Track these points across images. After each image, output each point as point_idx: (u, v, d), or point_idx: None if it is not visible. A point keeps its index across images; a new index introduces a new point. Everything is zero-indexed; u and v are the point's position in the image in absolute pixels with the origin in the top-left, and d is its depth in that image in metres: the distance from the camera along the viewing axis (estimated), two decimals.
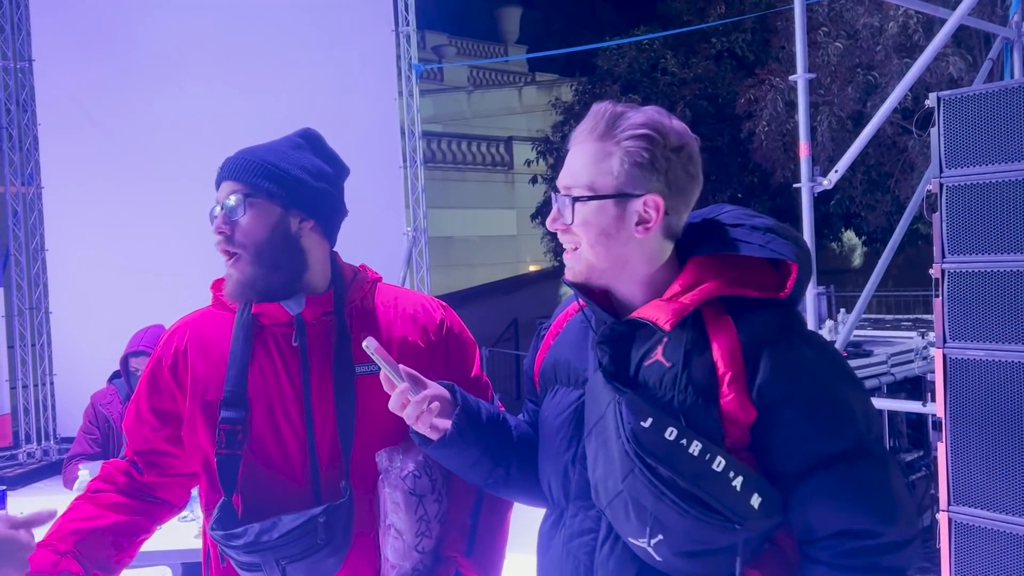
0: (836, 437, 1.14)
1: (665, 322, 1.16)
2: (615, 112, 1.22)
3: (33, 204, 6.11)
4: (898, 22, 9.51)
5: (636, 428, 1.13)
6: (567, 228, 1.23)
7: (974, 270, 2.68)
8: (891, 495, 1.14)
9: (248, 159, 1.47)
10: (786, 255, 1.19)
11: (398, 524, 1.45)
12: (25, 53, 6.07)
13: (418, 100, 6.17)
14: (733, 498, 1.10)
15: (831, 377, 1.18)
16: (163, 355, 1.55)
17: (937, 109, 2.77)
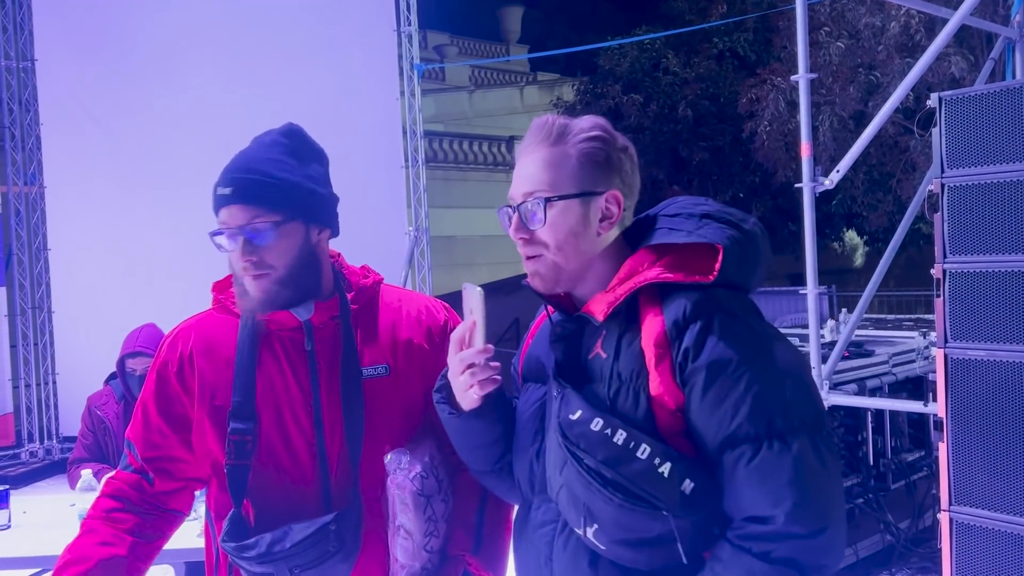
0: (745, 418, 1.12)
1: (599, 313, 1.21)
2: (562, 122, 1.27)
3: (35, 204, 6.12)
4: (900, 22, 9.50)
5: (564, 420, 1.18)
6: (531, 235, 1.25)
7: (975, 270, 2.68)
8: (794, 482, 1.09)
9: (262, 181, 1.41)
10: (712, 238, 1.20)
11: (407, 525, 1.46)
12: (28, 53, 6.08)
13: (420, 100, 6.18)
14: (659, 485, 1.11)
15: (747, 358, 1.14)
16: (168, 359, 1.53)
17: (939, 109, 2.77)
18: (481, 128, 19.48)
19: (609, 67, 14.25)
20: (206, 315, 1.57)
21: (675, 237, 1.23)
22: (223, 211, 1.43)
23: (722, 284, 1.20)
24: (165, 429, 1.52)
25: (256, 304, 1.45)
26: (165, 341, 1.57)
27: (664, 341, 1.17)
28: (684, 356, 1.15)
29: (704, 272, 1.20)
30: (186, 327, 1.56)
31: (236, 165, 1.45)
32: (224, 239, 1.43)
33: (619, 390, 1.19)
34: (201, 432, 1.49)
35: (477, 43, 23.44)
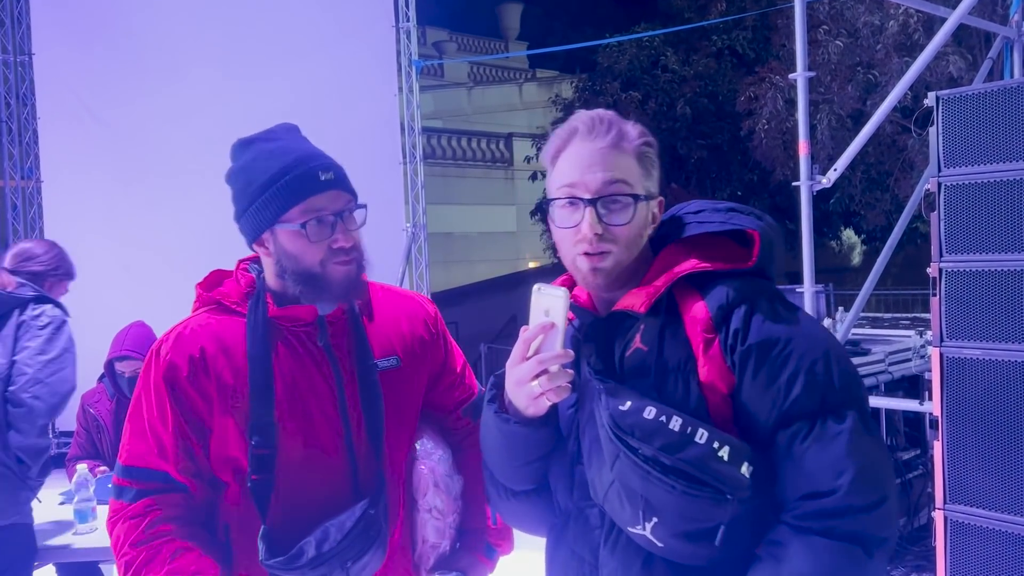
0: (799, 395, 1.13)
1: (640, 306, 1.20)
2: (612, 121, 1.27)
3: (32, 198, 6.11)
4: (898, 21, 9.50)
5: (614, 412, 1.15)
6: (605, 230, 1.21)
7: (972, 269, 2.68)
8: (852, 454, 1.10)
9: (340, 167, 1.45)
10: (746, 225, 1.24)
11: (439, 505, 1.50)
12: (25, 47, 6.06)
13: (418, 96, 6.17)
14: (721, 468, 1.09)
15: (795, 338, 1.16)
16: (176, 363, 1.43)
17: (936, 108, 2.77)
18: (479, 125, 19.47)
19: (608, 64, 14.24)
20: (205, 316, 1.49)
21: (709, 227, 1.25)
22: (322, 196, 1.40)
23: (756, 272, 1.23)
24: (195, 438, 1.43)
25: (341, 292, 1.42)
26: (166, 344, 1.47)
27: (711, 326, 1.17)
28: (734, 337, 1.16)
29: (740, 259, 1.22)
30: (190, 328, 1.47)
31: (307, 154, 1.43)
32: (316, 225, 1.39)
33: (666, 380, 1.18)
34: (223, 439, 1.43)
35: (476, 40, 23.41)
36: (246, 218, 1.44)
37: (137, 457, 1.45)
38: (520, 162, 17.49)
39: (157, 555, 1.40)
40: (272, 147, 1.44)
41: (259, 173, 1.41)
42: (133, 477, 1.45)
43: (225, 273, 1.55)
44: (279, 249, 1.42)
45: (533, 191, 15.18)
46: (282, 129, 1.50)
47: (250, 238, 1.45)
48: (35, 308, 2.57)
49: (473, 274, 16.20)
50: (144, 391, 1.46)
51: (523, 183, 16.73)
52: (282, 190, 1.39)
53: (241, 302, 1.47)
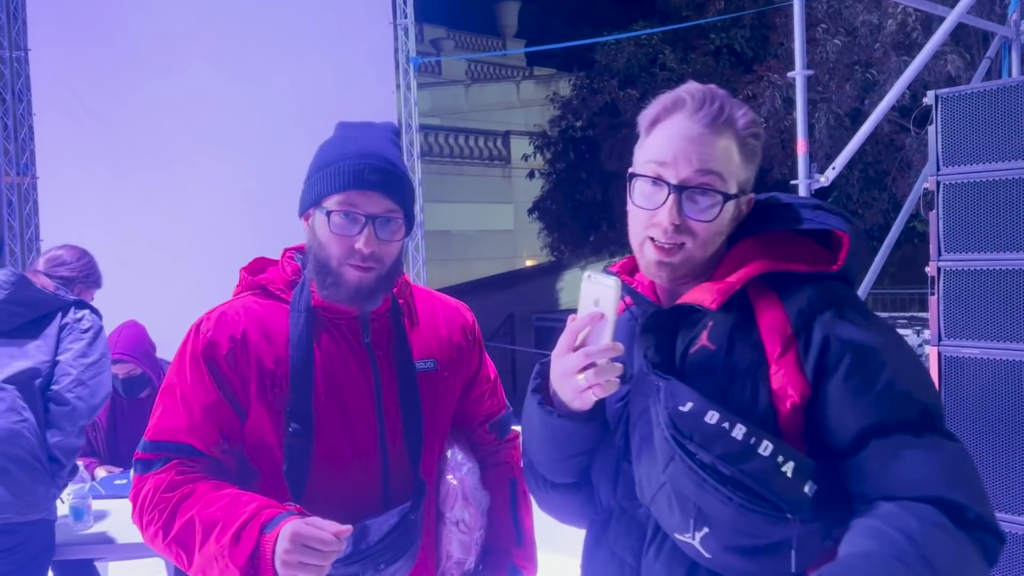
0: (896, 406, 1.04)
1: (711, 302, 1.10)
2: (723, 99, 1.14)
3: (28, 194, 6.09)
4: (897, 20, 9.51)
5: (674, 413, 1.06)
6: (683, 221, 1.12)
7: (970, 268, 2.68)
8: (959, 471, 1.03)
9: (401, 175, 1.40)
10: (836, 226, 1.13)
11: (467, 519, 1.45)
12: (21, 42, 6.04)
13: (415, 93, 6.16)
14: (783, 484, 1.00)
15: (888, 346, 1.08)
16: (216, 341, 1.40)
17: (935, 107, 2.77)
18: (477, 122, 19.46)
19: (605, 62, 14.23)
20: (249, 299, 1.47)
21: (794, 224, 1.15)
22: (358, 194, 1.36)
23: (840, 276, 1.13)
24: (225, 416, 1.39)
25: (348, 296, 1.39)
26: (207, 321, 1.43)
27: (789, 332, 1.08)
28: (815, 345, 1.07)
29: (825, 261, 1.13)
30: (232, 308, 1.45)
31: (371, 151, 1.39)
32: (341, 219, 1.36)
33: (733, 383, 1.09)
34: (258, 425, 1.40)
35: (474, 37, 23.40)
36: (304, 189, 1.44)
37: (166, 432, 1.39)
38: (517, 160, 17.48)
39: (194, 492, 1.33)
40: (351, 134, 1.45)
41: (325, 153, 1.42)
42: (160, 449, 1.38)
43: (269, 261, 1.54)
44: (313, 231, 1.41)
45: (530, 189, 15.18)
46: (379, 126, 1.50)
47: (300, 209, 1.45)
48: (77, 312, 2.68)
49: (470, 272, 16.19)
50: (179, 367, 1.42)
51: (520, 181, 16.72)
52: (328, 176, 1.38)
53: (286, 289, 1.46)
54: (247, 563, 1.25)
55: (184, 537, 1.31)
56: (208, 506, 1.31)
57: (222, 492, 1.34)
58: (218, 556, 1.27)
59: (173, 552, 1.32)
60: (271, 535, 1.25)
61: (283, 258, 1.52)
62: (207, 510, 1.31)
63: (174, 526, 1.32)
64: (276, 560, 1.23)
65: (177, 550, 1.32)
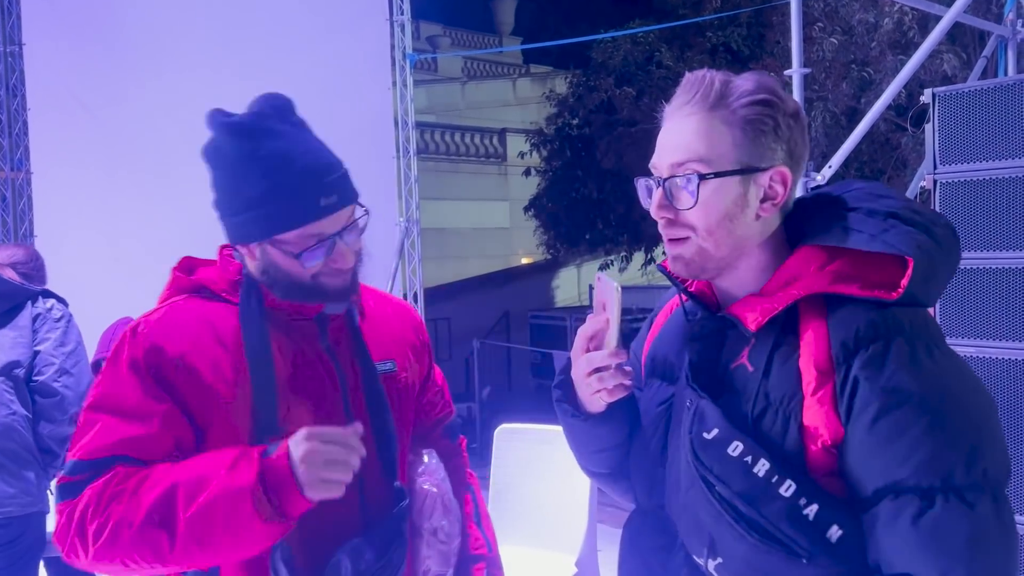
0: (915, 465, 0.94)
1: (752, 322, 1.03)
2: (723, 79, 1.08)
3: (22, 190, 6.06)
4: (893, 19, 9.51)
5: (697, 439, 1.02)
6: (676, 215, 1.07)
7: (967, 267, 2.68)
8: (968, 551, 0.93)
9: (346, 174, 1.31)
10: (900, 249, 0.99)
11: (445, 528, 1.36)
12: (15, 37, 6.01)
13: (412, 90, 6.14)
14: (803, 528, 0.95)
15: (931, 395, 0.96)
16: (163, 348, 1.24)
17: (932, 105, 2.77)
18: (473, 120, 19.42)
19: (602, 60, 14.20)
20: (189, 300, 1.32)
21: (854, 241, 1.02)
22: (323, 222, 1.24)
23: (904, 301, 1.00)
24: (178, 434, 1.22)
25: (335, 297, 1.30)
26: (146, 325, 1.26)
27: (828, 364, 0.99)
28: (852, 385, 0.97)
29: (885, 286, 1.00)
30: (175, 310, 1.29)
31: (308, 164, 1.25)
32: (311, 253, 1.24)
33: (765, 412, 1.02)
34: (219, 442, 1.23)
35: (470, 34, 23.36)
36: (233, 224, 1.28)
37: (102, 449, 1.19)
38: (514, 157, 17.44)
39: (151, 474, 1.16)
40: (274, 147, 1.25)
41: (252, 181, 1.23)
42: (95, 468, 1.18)
43: (200, 260, 1.40)
44: (267, 261, 1.27)
45: (527, 187, 15.15)
46: (276, 112, 1.30)
47: (232, 241, 1.30)
48: (45, 301, 2.68)
49: (466, 270, 16.17)
50: (113, 378, 1.23)
51: (516, 179, 16.69)
52: (277, 213, 1.23)
53: (230, 290, 1.32)
54: (257, 483, 1.11)
55: (162, 510, 1.12)
56: (181, 471, 1.14)
57: (188, 461, 1.17)
58: (221, 497, 1.11)
59: (148, 538, 1.13)
60: (278, 453, 1.13)
61: (222, 256, 1.38)
62: (182, 474, 1.14)
63: (142, 508, 1.12)
64: (297, 470, 1.11)
65: (154, 532, 1.12)
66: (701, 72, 1.11)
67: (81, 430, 1.22)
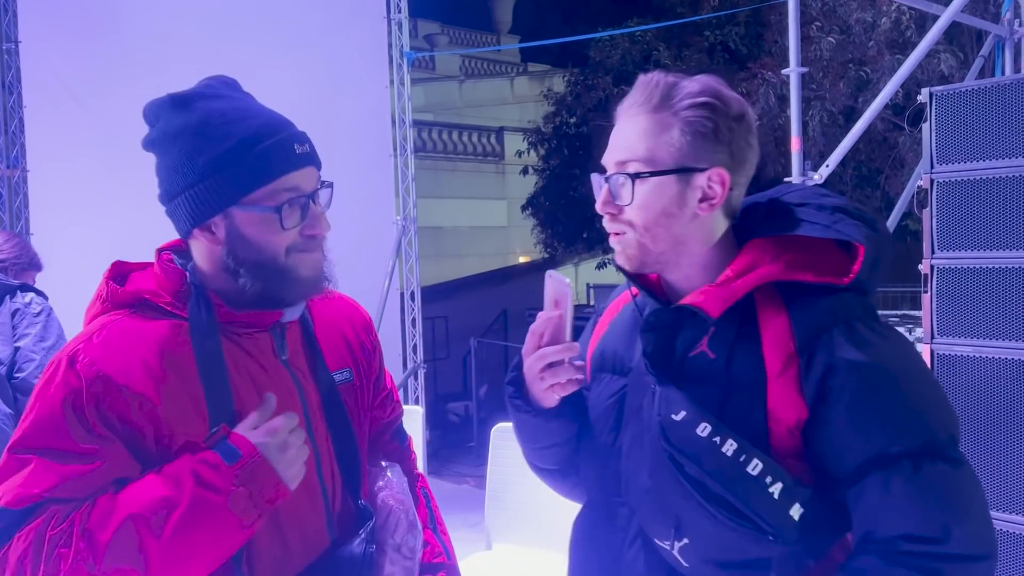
0: (900, 434, 1.01)
1: (712, 309, 1.07)
2: (669, 82, 1.11)
3: (18, 187, 6.05)
4: (891, 18, 9.51)
5: (666, 421, 1.05)
6: (618, 211, 1.12)
7: (963, 266, 2.68)
8: (962, 502, 1.01)
9: (306, 134, 1.21)
10: (852, 236, 1.07)
11: (411, 543, 1.30)
12: (11, 34, 5.99)
13: (409, 88, 6.13)
14: (768, 506, 0.99)
15: (897, 368, 1.04)
16: (108, 376, 1.11)
17: (929, 104, 2.77)
18: (471, 118, 19.40)
19: (600, 59, 14.20)
20: (128, 318, 1.17)
21: (808, 230, 1.08)
22: (297, 174, 1.16)
23: (853, 288, 1.08)
24: (121, 464, 1.10)
25: (306, 285, 1.20)
26: (86, 350, 1.13)
27: (792, 349, 1.04)
28: (817, 368, 1.03)
29: (836, 272, 1.07)
30: (115, 332, 1.15)
31: (278, 117, 1.19)
32: (291, 209, 1.15)
33: (729, 396, 1.06)
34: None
35: (468, 33, 23.34)
36: (189, 197, 1.16)
37: (32, 498, 1.06)
38: (511, 156, 17.43)
39: (95, 506, 1.06)
40: (222, 107, 1.17)
41: (212, 141, 1.13)
42: (22, 515, 1.06)
43: (135, 266, 1.28)
44: (234, 235, 1.16)
45: (524, 185, 15.14)
46: (220, 83, 1.22)
47: (191, 222, 1.17)
48: (24, 295, 2.60)
49: (463, 268, 16.16)
50: (47, 414, 1.09)
51: (514, 177, 16.68)
52: (251, 164, 1.13)
53: (176, 303, 1.19)
54: (235, 484, 1.06)
55: (126, 543, 1.04)
56: (131, 501, 1.06)
57: (132, 488, 1.08)
58: (195, 511, 1.05)
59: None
60: (243, 450, 1.08)
61: (161, 262, 1.25)
62: (135, 503, 1.05)
63: (99, 547, 1.03)
64: (269, 457, 1.08)
65: (122, 569, 1.04)
66: (652, 74, 1.14)
67: (6, 472, 1.09)
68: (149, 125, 1.22)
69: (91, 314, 1.22)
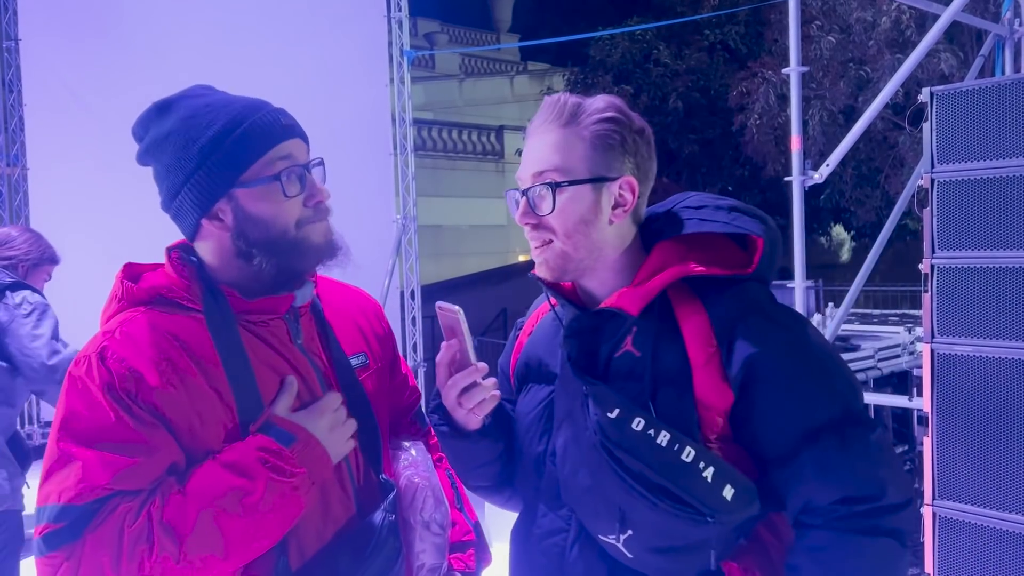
0: (821, 408, 1.11)
1: (632, 308, 1.14)
2: (575, 101, 1.20)
3: (19, 185, 6.04)
4: (891, 17, 9.52)
5: (602, 420, 1.10)
6: (539, 221, 1.18)
7: (964, 266, 2.68)
8: (885, 459, 1.12)
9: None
10: (751, 230, 1.17)
11: (439, 519, 1.34)
12: (12, 33, 5.98)
13: (409, 87, 6.13)
14: (704, 490, 1.06)
15: (806, 348, 1.15)
16: (139, 372, 1.13)
17: (930, 104, 2.76)
18: (471, 117, 19.40)
19: (600, 58, 14.21)
20: (147, 313, 1.21)
21: (711, 227, 1.18)
22: (288, 144, 1.20)
23: (755, 277, 1.18)
24: (170, 450, 1.14)
25: (318, 255, 1.23)
26: (112, 346, 1.15)
27: (712, 339, 1.12)
28: (737, 355, 1.11)
29: (739, 265, 1.17)
30: (137, 327, 1.18)
31: (252, 103, 1.22)
32: (289, 177, 1.18)
33: (658, 389, 1.13)
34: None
35: (468, 31, 23.33)
36: (192, 187, 1.19)
37: (90, 491, 1.08)
38: (511, 155, 17.44)
39: (147, 529, 1.08)
40: (204, 101, 1.21)
41: (201, 128, 1.17)
42: (86, 511, 1.08)
43: (146, 266, 1.32)
44: (242, 217, 1.19)
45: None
46: (199, 87, 1.25)
47: (198, 212, 1.20)
48: (15, 295, 2.56)
49: (463, 267, 16.16)
50: (90, 408, 1.11)
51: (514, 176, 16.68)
52: (242, 140, 1.16)
53: (190, 297, 1.22)
54: (303, 474, 1.15)
55: (207, 535, 1.10)
56: (201, 492, 1.11)
57: (198, 479, 1.12)
58: (269, 498, 1.12)
59: (196, 563, 1.10)
60: (300, 436, 1.16)
61: (172, 260, 1.28)
62: (208, 494, 1.11)
63: (182, 540, 1.08)
64: (323, 442, 1.18)
65: (204, 556, 1.10)
66: (557, 95, 1.22)
67: (53, 470, 1.10)
68: (139, 140, 1.26)
69: (108, 314, 1.25)
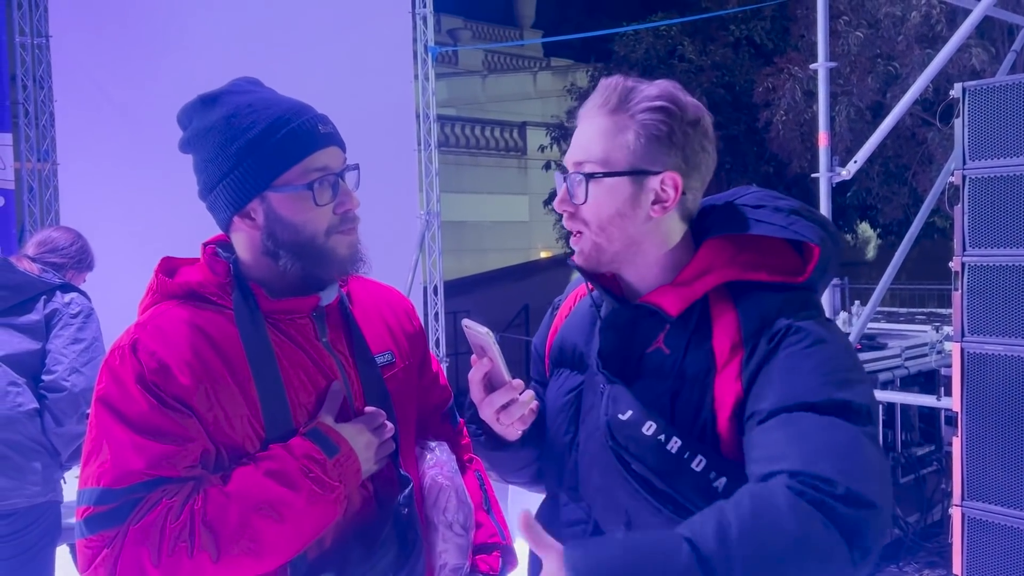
0: (811, 391, 1.01)
1: (672, 308, 1.10)
2: (627, 85, 1.14)
3: (48, 180, 6.13)
4: (921, 12, 9.37)
5: (613, 420, 1.08)
6: (576, 209, 1.14)
7: (995, 263, 2.64)
8: (860, 459, 0.98)
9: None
10: (808, 237, 1.10)
11: (462, 520, 1.33)
12: (42, 29, 6.06)
13: (433, 83, 6.14)
14: (712, 500, 1.00)
15: (831, 347, 1.05)
16: (168, 365, 1.16)
17: (962, 100, 2.73)
18: (494, 113, 19.41)
19: (624, 53, 14.13)
20: (178, 307, 1.23)
21: (765, 230, 1.11)
22: (324, 152, 1.21)
23: (805, 287, 1.12)
24: (200, 440, 1.17)
25: (343, 265, 1.25)
26: (144, 339, 1.18)
27: (739, 342, 1.07)
28: (757, 358, 1.06)
29: (793, 272, 1.11)
30: (169, 321, 1.21)
31: (301, 103, 1.25)
32: (322, 186, 1.20)
33: (681, 388, 1.09)
34: (237, 460, 1.20)
35: (491, 27, 23.33)
36: (227, 185, 1.21)
37: (128, 475, 1.12)
38: (534, 151, 17.41)
39: (208, 496, 1.13)
40: (248, 99, 1.23)
41: (242, 129, 1.19)
42: (125, 495, 1.11)
43: (182, 261, 1.35)
44: (272, 218, 1.21)
45: (546, 180, 15.12)
46: (244, 81, 1.28)
47: (231, 210, 1.22)
48: (64, 295, 2.59)
49: (485, 263, 16.17)
50: (121, 395, 1.15)
51: (536, 172, 16.67)
52: (279, 146, 1.18)
53: (221, 293, 1.24)
54: (340, 489, 1.18)
55: (250, 537, 1.12)
56: (245, 496, 1.13)
57: (237, 481, 1.14)
58: (311, 508, 1.15)
59: (232, 564, 1.13)
60: (343, 450, 1.19)
61: (207, 256, 1.31)
62: (248, 499, 1.13)
63: (223, 540, 1.11)
64: (360, 459, 1.21)
65: (240, 559, 1.13)
66: (613, 78, 1.17)
67: (92, 455, 1.15)
68: (183, 128, 1.29)
69: (143, 306, 1.29)
